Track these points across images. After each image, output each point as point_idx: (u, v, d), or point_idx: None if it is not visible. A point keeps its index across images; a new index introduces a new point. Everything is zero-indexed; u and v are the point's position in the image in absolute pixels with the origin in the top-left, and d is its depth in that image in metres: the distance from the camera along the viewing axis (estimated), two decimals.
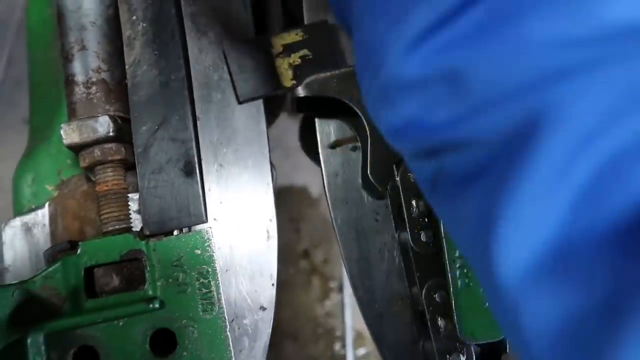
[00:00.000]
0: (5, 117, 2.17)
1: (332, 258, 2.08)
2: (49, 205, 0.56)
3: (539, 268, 0.26)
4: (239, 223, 0.58)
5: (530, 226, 0.26)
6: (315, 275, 2.07)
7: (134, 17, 0.49)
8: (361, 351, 1.99)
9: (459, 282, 0.48)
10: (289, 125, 1.63)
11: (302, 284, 2.02)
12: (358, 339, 1.99)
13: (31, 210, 0.56)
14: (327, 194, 0.61)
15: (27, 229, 0.55)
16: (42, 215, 0.55)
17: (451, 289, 0.48)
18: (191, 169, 0.48)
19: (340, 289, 2.05)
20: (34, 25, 0.66)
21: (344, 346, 1.99)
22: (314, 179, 2.12)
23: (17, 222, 0.55)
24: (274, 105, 0.71)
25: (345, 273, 2.12)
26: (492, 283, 0.27)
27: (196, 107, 0.56)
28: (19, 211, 0.57)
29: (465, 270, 0.48)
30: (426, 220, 0.52)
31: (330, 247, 2.08)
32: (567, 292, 0.25)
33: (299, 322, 1.95)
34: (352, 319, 2.01)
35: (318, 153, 0.63)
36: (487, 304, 0.48)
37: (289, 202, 2.17)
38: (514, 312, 0.27)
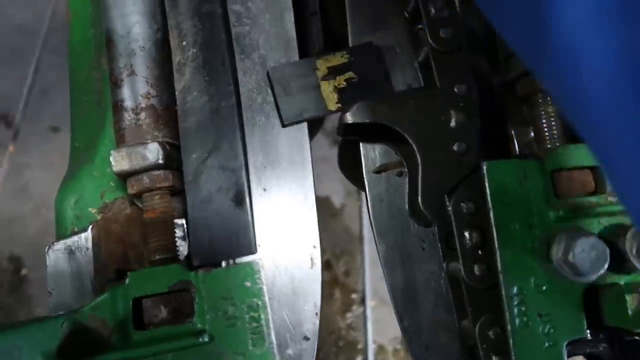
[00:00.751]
0: (32, 124, 2.20)
1: (354, 270, 2.06)
2: (92, 228, 0.55)
3: (600, 11, 0.28)
4: (282, 249, 0.57)
5: None
6: (337, 287, 2.06)
7: (184, 43, 0.48)
8: None
9: (517, 321, 0.46)
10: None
11: (323, 295, 2.00)
12: (380, 353, 1.97)
13: (74, 233, 0.56)
14: (372, 220, 0.59)
15: (70, 252, 0.55)
16: (85, 238, 0.55)
17: (508, 327, 0.46)
18: (241, 198, 0.46)
19: (362, 301, 2.03)
20: (77, 44, 0.66)
21: (365, 359, 1.96)
22: (337, 190, 2.11)
23: (61, 245, 0.55)
24: (313, 125, 0.70)
25: (367, 285, 2.10)
26: (553, 39, 0.30)
27: None
28: (62, 234, 0.57)
29: (523, 308, 0.46)
30: (480, 252, 0.50)
31: (352, 258, 2.07)
32: (627, 27, 0.27)
33: (320, 335, 1.93)
34: (374, 332, 1.99)
35: (359, 176, 0.62)
36: (547, 344, 0.46)
37: None
38: (576, 57, 0.29)
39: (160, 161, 0.47)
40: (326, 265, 2.05)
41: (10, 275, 2.01)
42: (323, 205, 2.14)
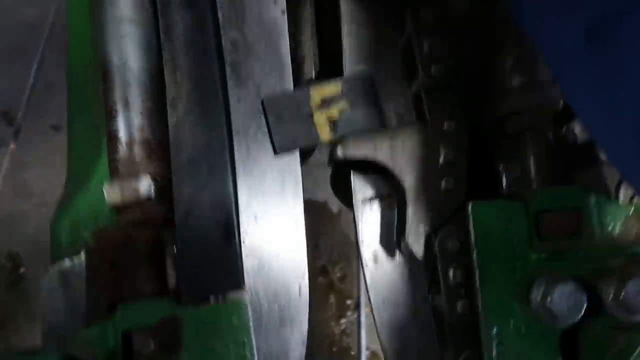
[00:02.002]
0: (34, 122, 2.20)
1: (350, 275, 2.07)
2: (86, 254, 0.56)
3: None
4: (271, 278, 0.58)
5: None
6: (332, 293, 2.06)
7: (178, 77, 0.49)
8: None
9: None
10: None
11: (318, 300, 2.01)
12: (372, 359, 1.98)
13: (68, 258, 0.57)
14: (360, 251, 0.60)
15: (64, 278, 0.56)
16: (79, 264, 0.56)
17: None
18: (230, 234, 0.47)
19: (357, 307, 2.04)
20: (75, 65, 0.66)
21: None
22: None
23: (55, 271, 0.56)
24: (306, 152, 0.71)
25: (362, 291, 2.11)
26: None
27: None
28: (57, 259, 0.57)
29: (502, 349, 0.47)
30: (463, 290, 0.51)
31: (348, 264, 2.07)
32: None
33: (314, 340, 1.94)
34: (368, 339, 1.99)
35: (352, 202, 0.63)
36: None
37: (308, 217, 2.16)
38: None
39: (152, 195, 0.48)
40: (322, 271, 2.05)
41: (8, 272, 2.02)
42: (320, 210, 2.14)
